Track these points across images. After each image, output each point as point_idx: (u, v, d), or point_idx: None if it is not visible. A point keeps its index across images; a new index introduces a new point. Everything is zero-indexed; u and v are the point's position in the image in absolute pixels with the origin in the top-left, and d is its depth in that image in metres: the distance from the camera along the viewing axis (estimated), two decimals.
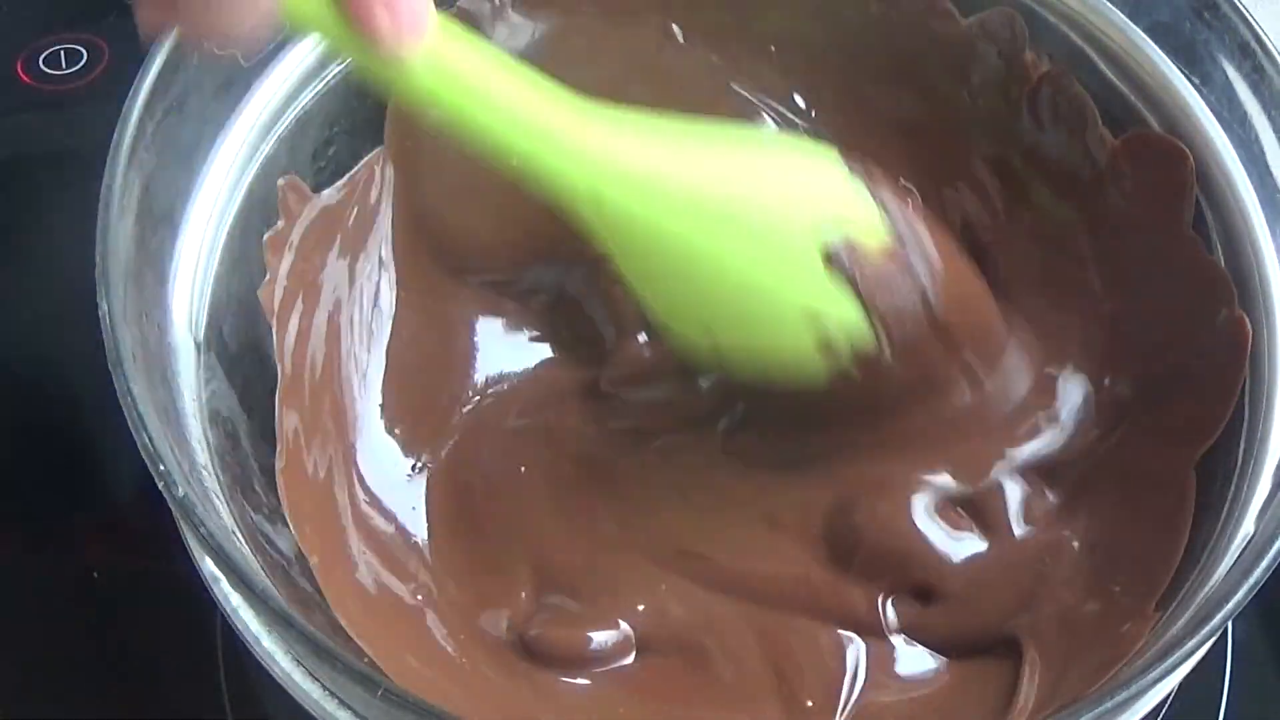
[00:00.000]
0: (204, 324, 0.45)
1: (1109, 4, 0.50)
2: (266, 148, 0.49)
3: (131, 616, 0.56)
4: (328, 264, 0.51)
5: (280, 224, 0.49)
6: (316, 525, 0.46)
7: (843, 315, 0.46)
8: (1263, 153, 0.47)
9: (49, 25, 0.68)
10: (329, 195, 0.51)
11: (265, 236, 0.48)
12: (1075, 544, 0.49)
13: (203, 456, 0.42)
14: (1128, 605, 0.44)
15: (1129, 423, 0.49)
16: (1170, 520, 0.45)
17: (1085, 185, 0.51)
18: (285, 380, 0.48)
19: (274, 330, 0.48)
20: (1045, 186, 0.53)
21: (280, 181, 0.49)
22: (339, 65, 0.50)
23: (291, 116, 0.49)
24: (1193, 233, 0.48)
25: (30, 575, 0.58)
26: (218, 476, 0.42)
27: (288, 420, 0.47)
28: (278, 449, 0.46)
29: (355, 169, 0.51)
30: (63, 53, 0.67)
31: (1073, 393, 0.51)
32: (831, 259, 0.45)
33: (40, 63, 0.67)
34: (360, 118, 0.51)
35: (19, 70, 0.67)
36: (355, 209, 0.52)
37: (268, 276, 0.48)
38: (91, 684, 0.56)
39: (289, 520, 0.45)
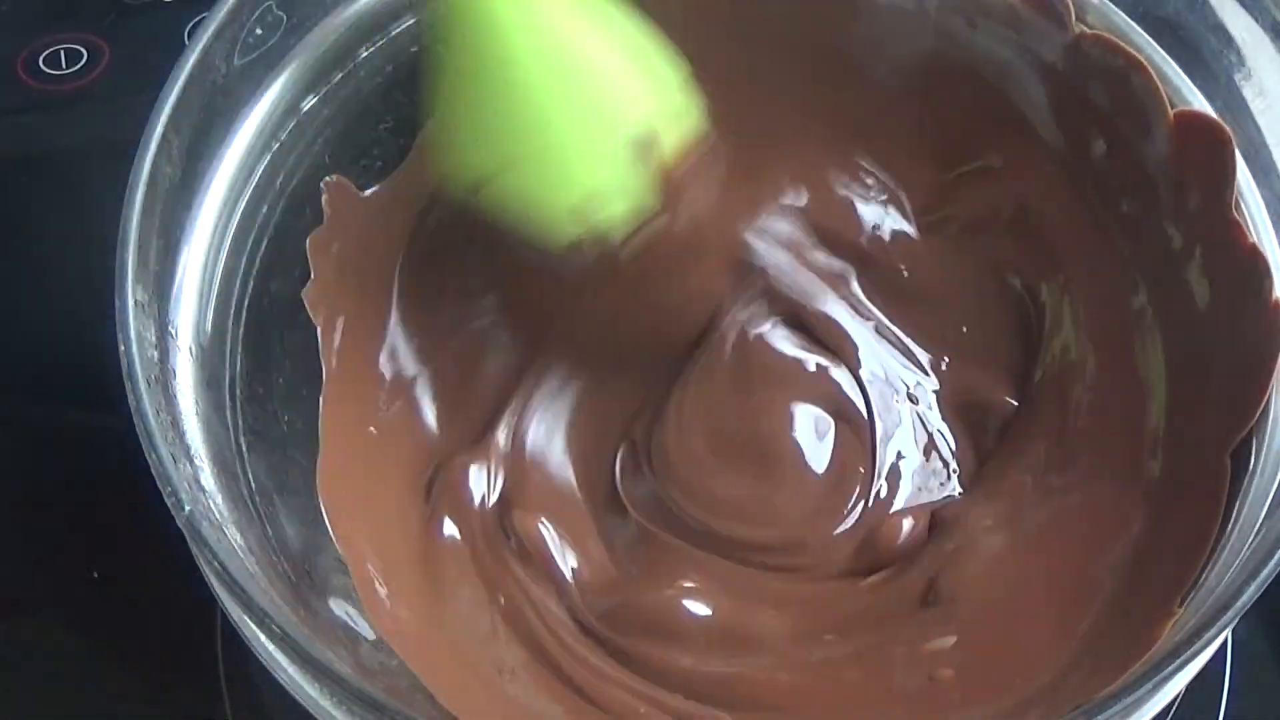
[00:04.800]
0: (210, 335, 0.45)
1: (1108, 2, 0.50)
2: (308, 149, 0.49)
3: (131, 616, 0.56)
4: (372, 262, 0.50)
5: (325, 224, 0.49)
6: (359, 525, 0.46)
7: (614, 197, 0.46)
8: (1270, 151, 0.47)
9: (49, 25, 0.68)
10: (374, 194, 0.50)
11: (309, 237, 0.48)
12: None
13: (209, 469, 0.42)
14: (1155, 599, 0.43)
15: (1164, 407, 0.48)
16: (1203, 511, 0.44)
17: None
18: (331, 379, 0.48)
19: (320, 331, 0.48)
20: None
21: (325, 180, 0.49)
22: (354, 64, 0.50)
23: (335, 116, 0.49)
24: (1236, 216, 0.46)
25: (30, 575, 0.58)
26: (225, 489, 0.42)
27: (332, 420, 0.48)
28: (321, 449, 0.47)
29: (400, 167, 0.51)
30: (63, 53, 0.67)
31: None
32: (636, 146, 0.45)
33: (40, 63, 0.67)
34: (405, 115, 0.51)
35: (19, 70, 0.67)
36: (400, 207, 0.51)
37: (313, 276, 0.48)
38: (92, 684, 0.56)
39: (329, 523, 0.45)
